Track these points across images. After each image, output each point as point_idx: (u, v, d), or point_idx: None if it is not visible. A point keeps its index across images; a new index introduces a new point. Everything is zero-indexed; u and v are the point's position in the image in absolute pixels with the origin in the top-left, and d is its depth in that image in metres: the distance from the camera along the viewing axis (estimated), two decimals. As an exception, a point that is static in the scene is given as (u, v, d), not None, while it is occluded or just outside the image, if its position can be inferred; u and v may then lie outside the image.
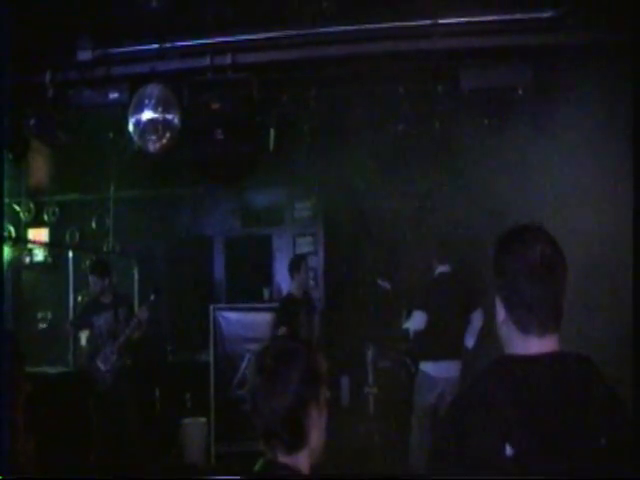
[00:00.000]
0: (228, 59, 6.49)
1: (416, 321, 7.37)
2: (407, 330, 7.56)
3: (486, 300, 6.83)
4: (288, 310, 8.30)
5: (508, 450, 2.04)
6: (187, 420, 9.50)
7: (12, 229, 11.00)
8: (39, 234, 11.30)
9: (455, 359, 7.32)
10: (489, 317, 6.55)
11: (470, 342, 7.37)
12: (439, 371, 7.27)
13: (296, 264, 8.53)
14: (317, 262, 10.50)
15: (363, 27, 6.10)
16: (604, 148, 6.06)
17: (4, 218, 9.50)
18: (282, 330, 8.00)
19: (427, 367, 7.36)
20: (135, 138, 6.68)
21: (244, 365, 9.30)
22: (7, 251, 10.53)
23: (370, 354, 9.05)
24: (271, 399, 2.28)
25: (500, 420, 2.07)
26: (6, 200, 10.37)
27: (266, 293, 10.41)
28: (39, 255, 11.25)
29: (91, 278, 8.18)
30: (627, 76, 4.95)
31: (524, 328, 2.22)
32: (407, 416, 7.54)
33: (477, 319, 7.31)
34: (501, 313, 2.29)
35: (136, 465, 7.92)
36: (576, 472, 2.02)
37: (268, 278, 10.66)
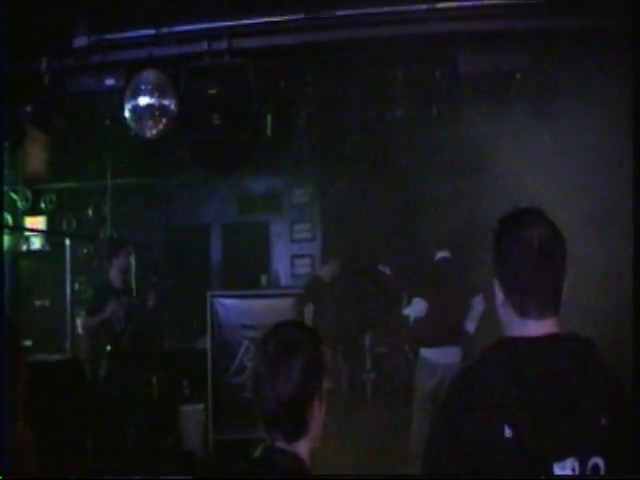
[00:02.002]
0: (225, 44, 6.46)
1: (417, 308, 7.37)
2: (407, 316, 7.56)
3: (487, 285, 6.83)
4: (315, 290, 8.49)
5: (507, 432, 2.04)
6: (185, 407, 9.52)
7: (9, 217, 10.98)
8: (36, 222, 11.30)
9: (456, 345, 7.32)
10: (490, 302, 6.56)
11: (471, 327, 7.36)
12: (440, 357, 7.26)
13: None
14: (314, 249, 10.51)
15: (361, 12, 6.08)
16: (603, 133, 6.04)
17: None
18: (309, 307, 8.26)
19: (428, 353, 7.36)
20: (132, 124, 6.66)
21: (242, 352, 9.30)
22: (4, 239, 10.51)
23: (368, 340, 9.07)
24: (274, 388, 2.27)
25: (498, 402, 2.07)
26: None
27: (264, 280, 10.42)
28: (36, 243, 11.25)
29: (122, 255, 8.27)
30: (627, 61, 4.93)
31: (522, 311, 2.21)
32: (404, 401, 7.55)
33: (478, 304, 7.30)
34: (499, 296, 2.28)
35: (134, 452, 7.93)
36: (576, 453, 2.03)
37: (266, 265, 10.67)
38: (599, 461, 2.04)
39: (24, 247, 11.19)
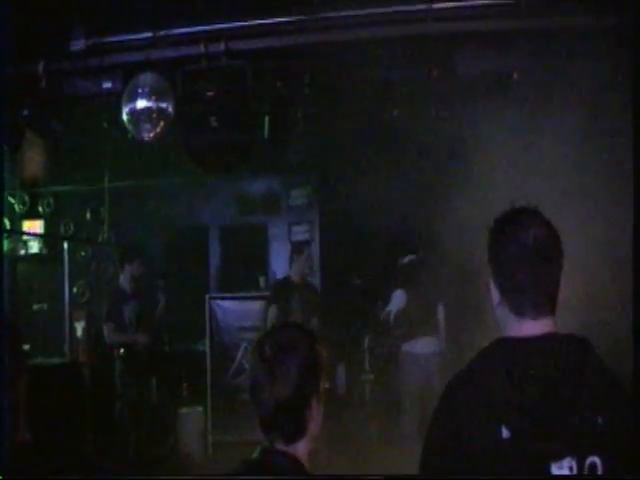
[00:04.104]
0: (222, 46, 6.46)
1: (398, 300, 7.49)
2: (388, 315, 7.63)
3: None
4: (280, 291, 8.45)
5: (504, 432, 2.03)
6: (184, 409, 9.51)
7: (7, 221, 10.96)
8: (34, 226, 11.29)
9: (432, 335, 7.50)
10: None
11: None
12: (421, 348, 7.46)
13: (298, 249, 8.74)
14: (313, 250, 10.48)
15: (358, 12, 6.08)
16: (601, 133, 6.04)
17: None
18: (272, 309, 8.21)
19: (411, 346, 7.49)
20: (129, 127, 6.66)
21: (240, 354, 9.31)
22: (2, 243, 10.50)
23: (366, 341, 9.07)
24: (272, 389, 2.27)
25: (495, 402, 2.07)
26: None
27: (262, 282, 10.41)
28: (34, 247, 11.22)
29: (136, 262, 8.33)
30: (625, 60, 4.93)
31: (518, 311, 2.21)
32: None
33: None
34: (495, 296, 2.28)
35: (133, 455, 7.93)
36: (573, 453, 2.03)
37: (264, 267, 10.65)
38: (596, 460, 2.04)
39: (22, 251, 11.17)
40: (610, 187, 6.04)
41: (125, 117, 6.59)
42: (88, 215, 11.10)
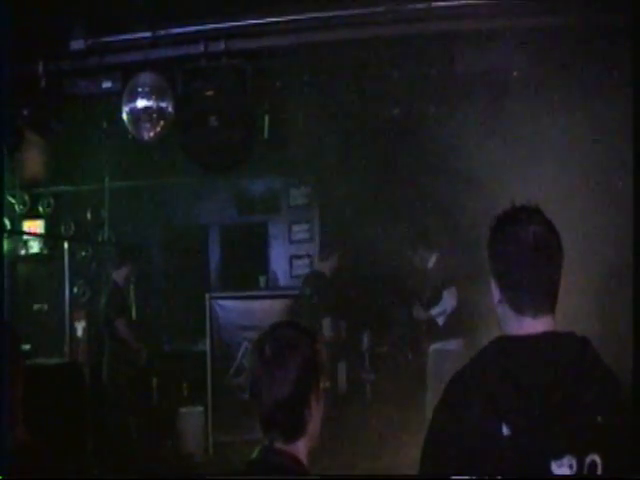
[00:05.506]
0: (222, 45, 6.46)
1: (451, 298, 7.41)
2: (441, 314, 7.53)
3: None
4: (319, 283, 8.40)
5: (504, 430, 2.03)
6: (184, 409, 9.51)
7: (7, 221, 10.96)
8: (34, 226, 11.28)
9: (460, 337, 7.42)
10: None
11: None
12: (458, 347, 7.32)
13: (334, 246, 8.76)
14: (313, 249, 10.49)
15: (357, 11, 6.07)
16: (602, 131, 6.03)
17: None
18: (326, 322, 8.02)
19: (455, 345, 7.36)
20: (129, 127, 6.67)
21: (241, 353, 9.30)
22: (3, 243, 10.50)
23: (366, 340, 9.05)
24: (271, 388, 2.27)
25: (495, 400, 2.07)
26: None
27: (262, 281, 10.41)
28: (34, 247, 11.23)
29: (136, 264, 8.42)
30: (625, 58, 4.92)
31: (518, 309, 2.21)
32: (404, 402, 7.54)
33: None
34: (496, 294, 2.28)
35: (133, 455, 7.94)
36: (573, 451, 2.03)
37: (264, 266, 10.66)
38: (596, 458, 2.04)
39: (22, 251, 11.18)
40: (611, 187, 6.03)
41: (125, 117, 6.59)
42: (88, 215, 11.10)
